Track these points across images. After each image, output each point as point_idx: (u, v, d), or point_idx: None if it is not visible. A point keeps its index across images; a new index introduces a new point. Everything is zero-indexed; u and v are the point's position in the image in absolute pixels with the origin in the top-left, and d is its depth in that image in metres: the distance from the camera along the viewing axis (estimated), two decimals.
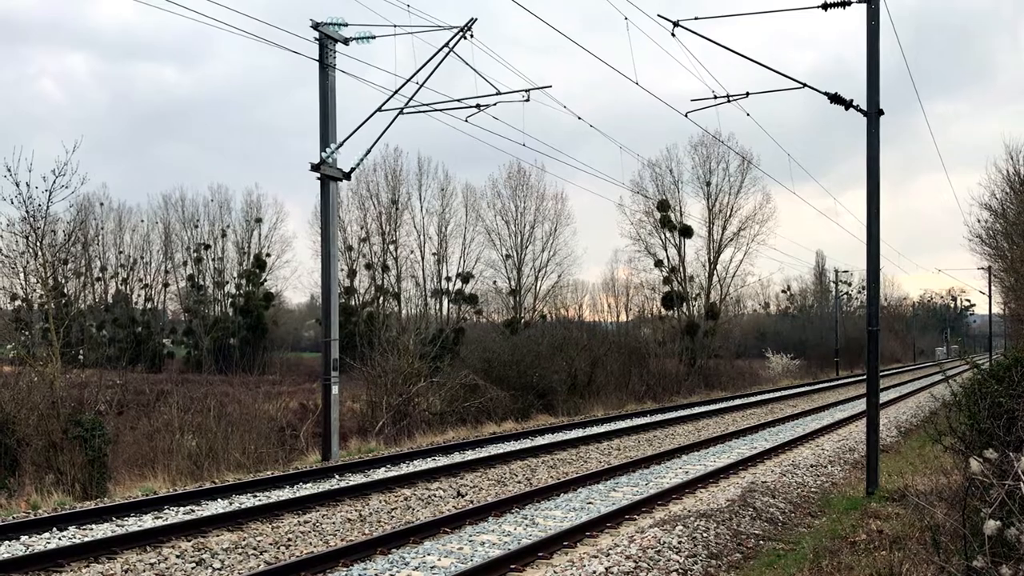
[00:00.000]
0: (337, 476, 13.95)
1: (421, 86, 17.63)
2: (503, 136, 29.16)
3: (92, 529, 10.03)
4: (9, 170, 17.81)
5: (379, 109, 18.01)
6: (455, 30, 17.29)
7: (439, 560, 8.99)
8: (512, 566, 8.64)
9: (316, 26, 17.85)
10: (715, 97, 16.54)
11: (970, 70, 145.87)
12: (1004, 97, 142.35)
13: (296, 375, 44.54)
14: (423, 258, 57.08)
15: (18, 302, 25.63)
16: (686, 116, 17.33)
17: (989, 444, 7.36)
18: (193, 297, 67.56)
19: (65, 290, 52.50)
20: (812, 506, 12.12)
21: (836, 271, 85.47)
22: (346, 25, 18.12)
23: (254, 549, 9.22)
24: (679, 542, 9.33)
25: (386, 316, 54.26)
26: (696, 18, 13.47)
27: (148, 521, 10.45)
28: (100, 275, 68.28)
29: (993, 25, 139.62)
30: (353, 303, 56.93)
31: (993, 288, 59.73)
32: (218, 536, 9.62)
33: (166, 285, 70.08)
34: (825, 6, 12.97)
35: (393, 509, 11.39)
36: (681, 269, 57.25)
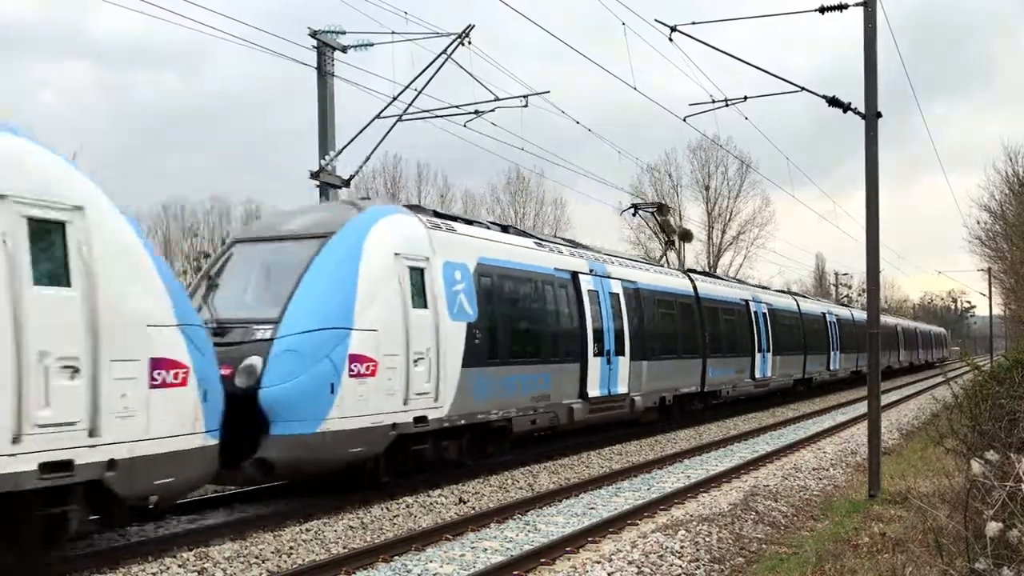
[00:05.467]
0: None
1: (420, 93, 17.68)
2: (502, 142, 29.15)
3: (94, 540, 10.00)
4: None
5: (378, 116, 18.06)
6: (453, 37, 17.34)
7: (441, 567, 8.98)
8: (515, 572, 8.63)
9: (314, 34, 17.90)
10: (713, 101, 16.59)
11: (969, 72, 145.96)
12: (1003, 99, 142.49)
13: None
14: None
15: None
16: (684, 120, 17.39)
17: (990, 446, 7.36)
18: None
19: None
20: (814, 509, 12.10)
21: (836, 274, 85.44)
22: (344, 33, 18.17)
23: (256, 557, 9.21)
24: (681, 546, 9.32)
25: None
26: (693, 23, 13.50)
27: (150, 530, 10.44)
28: None
29: (993, 27, 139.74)
30: None
31: (993, 289, 59.76)
32: (220, 545, 9.60)
33: None
34: (822, 9, 12.99)
35: (395, 516, 11.38)
36: None
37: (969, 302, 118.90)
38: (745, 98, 16.69)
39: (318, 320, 11.13)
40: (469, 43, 17.22)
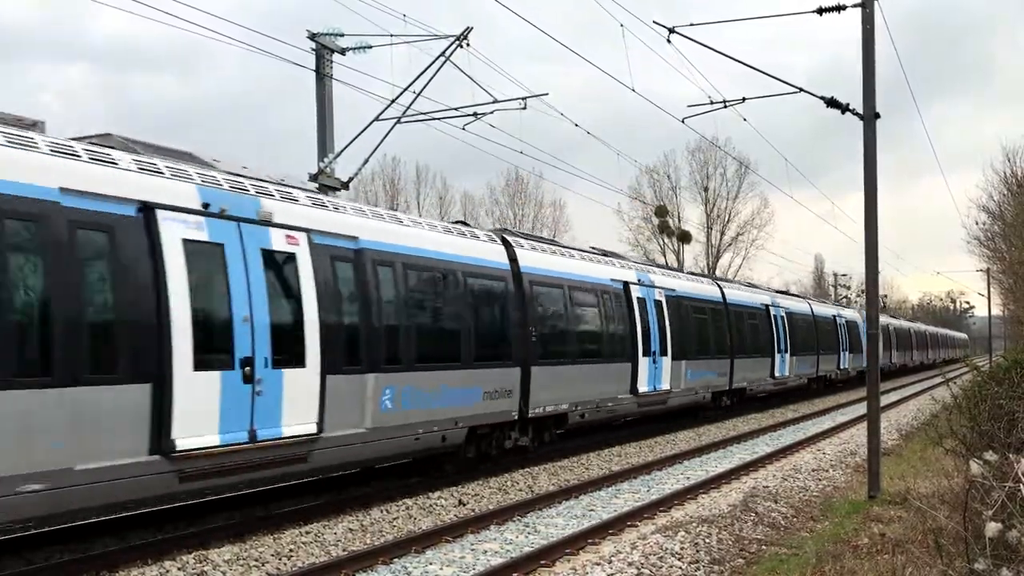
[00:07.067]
0: (337, 486, 13.92)
1: (418, 95, 17.67)
2: (501, 144, 29.18)
3: (93, 543, 10.00)
4: None
5: (376, 119, 18.04)
6: (451, 39, 17.33)
7: (441, 569, 8.98)
8: (514, 574, 8.62)
9: (312, 36, 17.89)
10: (712, 103, 16.58)
11: (967, 72, 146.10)
12: (1002, 99, 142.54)
13: None
14: None
15: None
16: (683, 122, 17.39)
17: (989, 446, 7.36)
18: None
19: None
20: (814, 510, 12.10)
21: (835, 275, 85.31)
22: (342, 35, 18.15)
23: (255, 560, 9.21)
24: (681, 548, 9.32)
25: None
26: (692, 24, 13.49)
27: (149, 532, 10.43)
28: None
29: (992, 27, 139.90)
30: None
31: (992, 290, 59.74)
32: (219, 548, 9.60)
33: None
34: (820, 11, 12.99)
35: (395, 519, 11.38)
36: None
37: (968, 302, 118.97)
38: (744, 99, 16.69)
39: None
40: (467, 45, 17.21)
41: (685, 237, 63.01)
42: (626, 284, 19.26)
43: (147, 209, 8.97)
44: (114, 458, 8.40)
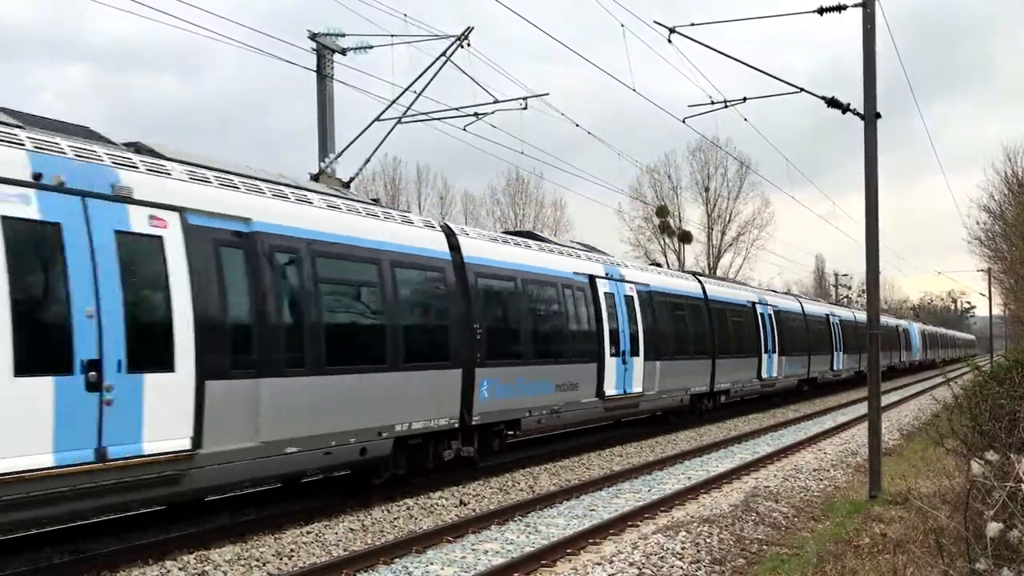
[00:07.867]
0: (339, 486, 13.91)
1: (419, 95, 17.66)
2: (501, 144, 29.20)
3: (95, 543, 10.00)
4: None
5: (377, 119, 18.03)
6: (452, 39, 17.33)
7: (442, 569, 8.98)
8: (515, 574, 8.62)
9: (313, 36, 17.90)
10: (713, 103, 16.58)
11: (968, 72, 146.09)
12: (1002, 99, 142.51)
13: None
14: None
15: None
16: (683, 122, 17.38)
17: (990, 446, 7.35)
18: None
19: None
20: (815, 510, 12.09)
21: (836, 275, 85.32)
22: (343, 35, 18.16)
23: (256, 560, 9.21)
24: (682, 548, 9.32)
25: None
26: (692, 24, 13.49)
27: (150, 532, 10.44)
28: None
29: (992, 27, 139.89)
30: None
31: (993, 290, 59.73)
32: (220, 548, 9.60)
33: None
34: (821, 11, 12.99)
35: (396, 519, 11.38)
36: None
37: (969, 302, 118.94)
38: (744, 99, 16.69)
39: None
40: (468, 45, 17.21)
41: (686, 237, 63.02)
42: (592, 278, 17.95)
43: None
44: None
